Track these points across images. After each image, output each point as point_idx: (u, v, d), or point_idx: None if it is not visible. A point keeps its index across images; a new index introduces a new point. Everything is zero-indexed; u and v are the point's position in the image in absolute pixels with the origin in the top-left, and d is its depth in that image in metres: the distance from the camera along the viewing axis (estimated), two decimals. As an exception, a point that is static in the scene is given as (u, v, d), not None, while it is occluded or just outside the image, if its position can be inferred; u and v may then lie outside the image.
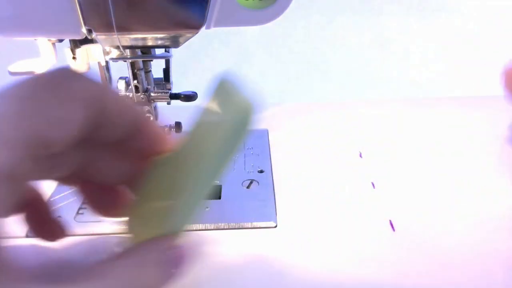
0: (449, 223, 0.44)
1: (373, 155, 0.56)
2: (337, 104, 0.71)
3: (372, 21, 1.07)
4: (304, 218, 0.46)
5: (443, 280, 0.38)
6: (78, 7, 0.39)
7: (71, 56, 0.46)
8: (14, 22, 0.39)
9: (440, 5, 1.05)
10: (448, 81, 1.12)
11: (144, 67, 0.49)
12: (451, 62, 1.11)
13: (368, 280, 0.39)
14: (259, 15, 0.41)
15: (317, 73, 1.12)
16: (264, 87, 1.19)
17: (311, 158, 0.56)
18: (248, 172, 0.53)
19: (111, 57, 0.45)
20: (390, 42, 1.09)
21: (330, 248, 0.42)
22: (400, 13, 1.06)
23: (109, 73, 0.50)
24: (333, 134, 0.62)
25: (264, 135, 0.62)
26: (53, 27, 0.40)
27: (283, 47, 1.09)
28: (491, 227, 0.44)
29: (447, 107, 0.69)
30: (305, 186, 0.51)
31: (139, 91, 0.50)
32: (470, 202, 0.48)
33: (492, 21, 1.06)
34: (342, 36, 1.08)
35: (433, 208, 0.47)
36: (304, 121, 0.65)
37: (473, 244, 0.42)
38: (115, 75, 0.50)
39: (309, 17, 1.06)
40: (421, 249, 0.41)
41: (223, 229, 0.44)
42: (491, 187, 0.50)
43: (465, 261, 0.40)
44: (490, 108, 0.66)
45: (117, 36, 0.41)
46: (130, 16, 0.40)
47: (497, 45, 1.08)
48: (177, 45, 0.43)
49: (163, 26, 0.40)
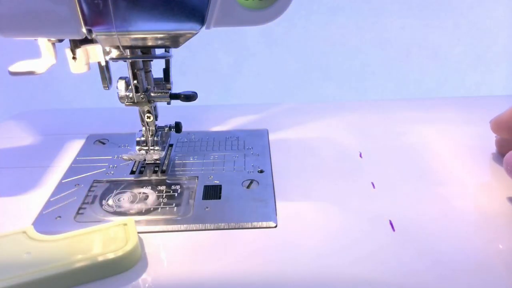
0: (449, 223, 0.44)
1: (373, 155, 0.56)
2: (337, 104, 0.72)
3: (372, 21, 1.07)
4: (304, 218, 0.46)
5: (443, 279, 0.38)
6: (78, 7, 0.39)
7: (71, 56, 0.46)
8: (14, 22, 0.39)
9: (440, 5, 1.05)
10: (448, 81, 1.12)
11: (144, 67, 0.49)
12: (451, 62, 1.11)
13: (368, 280, 0.39)
14: (259, 15, 0.41)
15: (317, 73, 1.12)
16: (264, 87, 1.20)
17: (311, 158, 0.56)
18: (248, 172, 0.53)
19: (111, 57, 0.45)
20: (390, 42, 1.09)
21: (330, 248, 0.42)
22: (400, 13, 1.06)
23: (109, 73, 0.50)
24: (333, 134, 0.62)
25: (264, 135, 0.62)
26: (53, 27, 0.40)
27: (283, 47, 1.09)
28: (491, 227, 0.44)
29: (447, 107, 0.69)
30: (305, 186, 0.51)
31: (139, 91, 0.50)
32: (470, 202, 0.48)
33: (492, 21, 1.06)
34: (342, 36, 1.08)
35: (433, 208, 0.47)
36: (304, 121, 0.65)
37: (473, 244, 0.42)
38: (115, 75, 0.50)
39: (309, 17, 1.06)
40: (421, 249, 0.41)
41: (223, 229, 0.44)
42: (490, 187, 0.50)
43: (464, 261, 0.40)
44: (490, 108, 0.66)
45: (117, 36, 0.41)
46: (130, 16, 0.40)
47: (497, 45, 1.08)
48: (177, 45, 0.43)
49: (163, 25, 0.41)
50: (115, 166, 0.54)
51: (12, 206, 0.48)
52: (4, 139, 0.62)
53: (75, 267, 0.37)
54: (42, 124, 0.66)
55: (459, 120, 0.64)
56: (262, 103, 0.72)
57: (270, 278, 0.39)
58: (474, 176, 0.52)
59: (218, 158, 0.56)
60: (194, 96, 0.51)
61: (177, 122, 0.56)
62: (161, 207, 0.47)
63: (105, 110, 0.70)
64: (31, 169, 0.55)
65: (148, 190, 0.50)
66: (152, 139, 0.53)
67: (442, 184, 0.51)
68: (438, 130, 0.62)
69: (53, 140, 0.62)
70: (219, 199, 0.48)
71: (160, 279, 0.39)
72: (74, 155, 0.57)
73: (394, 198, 0.48)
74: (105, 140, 0.61)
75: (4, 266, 0.38)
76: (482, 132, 0.58)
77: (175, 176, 0.53)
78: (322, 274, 0.39)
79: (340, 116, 0.66)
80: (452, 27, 1.07)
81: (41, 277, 0.36)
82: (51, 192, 0.50)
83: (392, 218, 0.45)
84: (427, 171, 0.53)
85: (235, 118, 0.67)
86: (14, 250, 0.39)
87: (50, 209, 0.47)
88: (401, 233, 0.43)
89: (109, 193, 0.50)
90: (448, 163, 0.54)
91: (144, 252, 0.41)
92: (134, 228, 0.42)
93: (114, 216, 0.46)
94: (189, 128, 0.62)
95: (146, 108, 0.51)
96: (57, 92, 1.07)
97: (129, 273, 0.39)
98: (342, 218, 0.46)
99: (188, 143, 0.60)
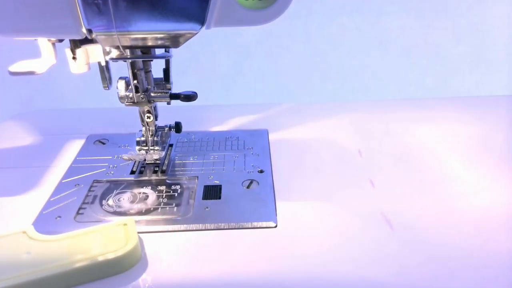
0: (447, 222, 0.44)
1: (372, 155, 0.56)
2: (337, 104, 0.72)
3: (372, 21, 1.07)
4: (304, 218, 0.46)
5: (442, 278, 0.38)
6: (78, 7, 0.39)
7: (71, 56, 0.46)
8: (14, 22, 0.39)
9: (440, 5, 1.05)
10: (448, 81, 1.12)
11: (144, 67, 0.49)
12: (451, 62, 1.11)
13: (368, 278, 0.39)
14: (259, 15, 0.41)
15: (317, 73, 1.12)
16: (264, 87, 1.20)
17: (311, 158, 0.56)
18: (248, 172, 0.53)
19: (111, 57, 0.45)
20: (390, 42, 1.09)
21: (329, 248, 0.42)
22: (400, 13, 1.06)
23: (109, 73, 0.50)
24: (333, 134, 0.62)
25: (264, 135, 0.62)
26: (53, 27, 0.40)
27: (283, 47, 1.09)
28: (490, 226, 0.44)
29: (447, 107, 0.69)
30: (305, 186, 0.51)
31: (139, 91, 0.50)
32: (469, 201, 0.48)
33: (492, 21, 1.06)
34: (342, 36, 1.08)
35: (431, 207, 0.47)
36: (304, 121, 0.65)
37: (471, 242, 0.42)
38: (115, 75, 0.50)
39: (309, 17, 1.06)
40: (420, 247, 0.41)
41: (223, 229, 0.44)
42: (490, 186, 0.50)
43: (463, 259, 0.40)
44: (490, 108, 0.66)
45: (117, 36, 0.41)
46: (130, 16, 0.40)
47: (497, 45, 1.08)
48: (177, 45, 0.43)
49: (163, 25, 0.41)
50: (115, 166, 0.54)
51: (12, 206, 0.48)
52: (4, 139, 0.62)
53: (75, 267, 0.37)
54: (42, 124, 0.66)
55: (459, 120, 0.64)
56: (262, 103, 0.72)
57: (270, 278, 0.39)
58: (473, 176, 0.52)
59: (218, 158, 0.56)
60: (194, 96, 0.51)
61: (177, 122, 0.56)
62: (161, 207, 0.47)
63: (105, 110, 0.70)
64: (31, 169, 0.55)
65: (148, 190, 0.50)
66: (152, 139, 0.53)
67: (442, 183, 0.51)
68: (438, 130, 0.62)
69: (53, 140, 0.62)
70: (219, 199, 0.48)
71: (160, 279, 0.39)
72: (74, 155, 0.57)
73: (394, 198, 0.48)
74: (105, 140, 0.61)
75: (4, 266, 0.38)
76: (482, 132, 0.58)
77: (175, 176, 0.53)
78: (322, 274, 0.39)
79: (340, 116, 0.66)
80: (452, 27, 1.07)
81: (41, 277, 0.36)
82: (51, 192, 0.50)
83: (391, 217, 0.45)
84: (427, 171, 0.53)
85: (235, 118, 0.67)
86: (14, 250, 0.39)
87: (50, 209, 0.47)
88: (399, 232, 0.43)
89: (109, 193, 0.50)
90: (448, 163, 0.54)
91: (144, 252, 0.41)
92: (134, 228, 0.42)
93: (114, 216, 0.46)
94: (189, 128, 0.62)
95: (146, 108, 0.51)
96: (57, 92, 1.07)
97: (129, 273, 0.39)
98: (341, 218, 0.46)
99: (188, 143, 0.60)
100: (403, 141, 0.59)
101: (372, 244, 0.42)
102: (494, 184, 0.51)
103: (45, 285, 0.37)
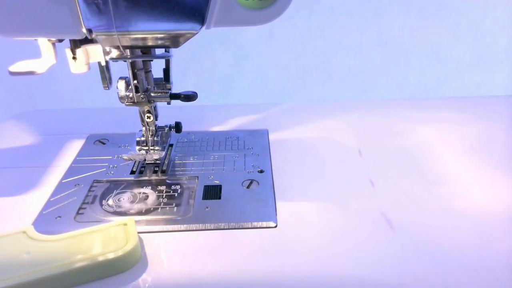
0: (448, 222, 0.44)
1: (372, 155, 0.56)
2: (337, 104, 0.72)
3: (372, 21, 1.07)
4: (304, 217, 0.46)
5: (441, 277, 0.38)
6: (78, 7, 0.39)
7: (71, 56, 0.46)
8: (14, 22, 0.39)
9: (440, 5, 1.05)
10: (448, 81, 1.12)
11: (144, 67, 0.49)
12: (451, 62, 1.11)
13: (368, 278, 0.39)
14: (259, 15, 0.41)
15: (317, 73, 1.12)
16: (264, 87, 1.19)
17: (311, 158, 0.56)
18: (248, 172, 0.53)
19: (111, 57, 0.45)
20: (390, 42, 1.09)
21: (329, 247, 0.42)
22: (400, 13, 1.06)
23: (109, 73, 0.50)
24: (333, 134, 0.62)
25: (264, 135, 0.62)
26: (53, 27, 0.40)
27: (283, 47, 1.09)
28: (490, 226, 0.44)
29: (447, 107, 0.69)
30: (305, 186, 0.51)
31: (139, 91, 0.50)
32: (469, 201, 0.48)
33: (492, 21, 1.06)
34: (342, 36, 1.08)
35: (432, 207, 0.47)
36: (304, 121, 0.65)
37: (471, 242, 0.42)
38: (115, 75, 0.50)
39: (309, 17, 1.06)
40: (420, 247, 0.41)
41: (223, 229, 0.44)
42: (490, 186, 0.50)
43: (463, 259, 0.40)
44: (490, 108, 0.66)
45: (117, 36, 0.41)
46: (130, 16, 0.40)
47: (497, 45, 1.07)
48: (177, 45, 0.43)
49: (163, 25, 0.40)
50: (115, 166, 0.54)
51: (12, 206, 0.48)
52: (4, 139, 0.62)
53: (75, 267, 0.37)
54: (42, 124, 0.66)
55: (459, 120, 0.64)
56: (262, 103, 0.72)
57: (270, 278, 0.39)
58: (473, 176, 0.52)
59: (218, 158, 0.56)
60: (194, 96, 0.51)
61: (177, 122, 0.56)
62: (161, 207, 0.47)
63: (105, 110, 0.70)
64: (31, 169, 0.55)
65: (148, 190, 0.50)
66: (152, 139, 0.53)
67: (442, 183, 0.51)
68: (438, 130, 0.62)
69: (53, 140, 0.62)
70: (219, 199, 0.48)
71: (160, 279, 0.39)
72: (74, 155, 0.57)
73: (393, 197, 0.48)
74: (105, 140, 0.61)
75: (4, 266, 0.38)
76: (482, 132, 0.58)
77: (175, 176, 0.53)
78: (322, 273, 0.39)
79: (340, 116, 0.66)
80: (452, 27, 1.07)
81: (41, 277, 0.36)
82: (51, 192, 0.50)
83: (391, 217, 0.45)
84: (427, 171, 0.53)
85: (235, 118, 0.67)
86: (14, 250, 0.39)
87: (50, 209, 0.47)
88: (399, 232, 0.43)
89: (109, 193, 0.50)
90: (447, 163, 0.54)
91: (144, 252, 0.41)
92: (134, 228, 0.42)
93: (114, 216, 0.46)
94: (189, 128, 0.62)
95: (146, 108, 0.51)
96: (57, 92, 1.07)
97: (129, 273, 0.39)
98: (341, 218, 0.46)
99: (188, 143, 0.60)
100: (403, 141, 0.59)
101: (372, 243, 0.42)
102: (494, 184, 0.51)
103: (45, 285, 0.37)
